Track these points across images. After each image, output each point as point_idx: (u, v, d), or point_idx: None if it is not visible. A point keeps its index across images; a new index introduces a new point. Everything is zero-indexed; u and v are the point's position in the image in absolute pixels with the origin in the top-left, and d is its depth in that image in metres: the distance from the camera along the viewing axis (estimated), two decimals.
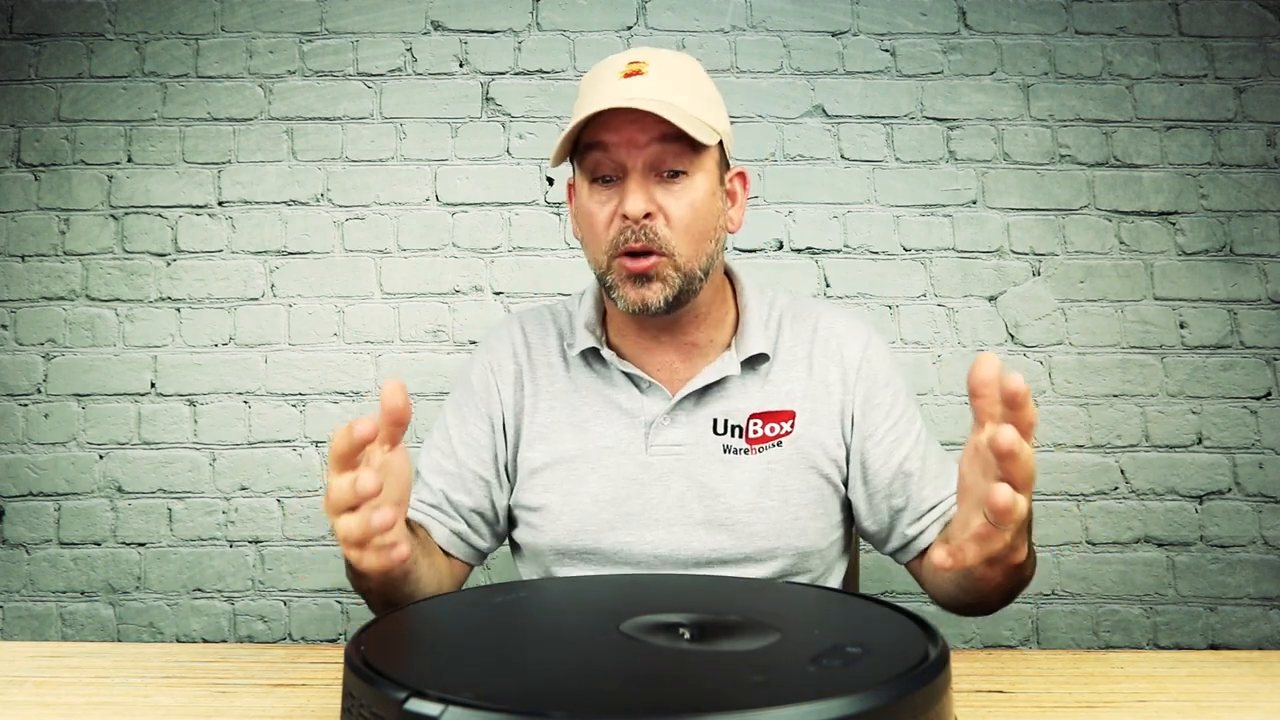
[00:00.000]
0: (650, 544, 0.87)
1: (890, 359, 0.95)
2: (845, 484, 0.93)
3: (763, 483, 0.87)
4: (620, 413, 0.90)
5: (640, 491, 0.88)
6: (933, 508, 0.90)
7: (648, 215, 0.81)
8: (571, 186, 0.94)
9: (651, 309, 0.84)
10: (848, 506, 0.94)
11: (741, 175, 0.94)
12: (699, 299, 0.89)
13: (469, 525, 0.94)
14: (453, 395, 0.98)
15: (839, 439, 0.91)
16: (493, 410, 0.94)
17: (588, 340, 0.91)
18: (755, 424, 0.89)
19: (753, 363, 0.91)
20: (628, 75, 0.83)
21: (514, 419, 0.94)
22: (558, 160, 0.86)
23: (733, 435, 0.89)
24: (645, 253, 0.82)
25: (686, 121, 0.80)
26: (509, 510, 0.96)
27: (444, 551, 0.93)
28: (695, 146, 0.83)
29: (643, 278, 0.83)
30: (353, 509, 0.58)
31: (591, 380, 0.92)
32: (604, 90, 0.82)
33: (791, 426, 0.89)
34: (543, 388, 0.93)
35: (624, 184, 0.83)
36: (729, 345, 0.92)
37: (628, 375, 0.91)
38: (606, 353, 0.90)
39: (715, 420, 0.89)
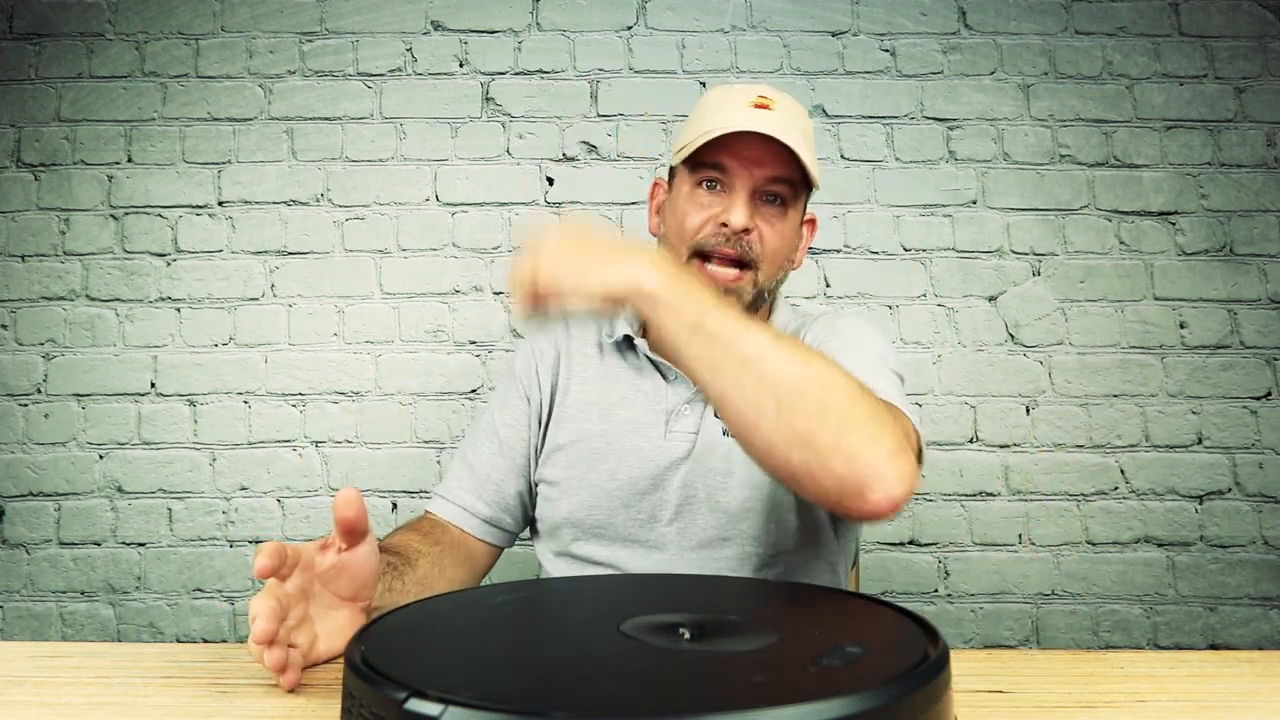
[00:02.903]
0: (659, 523, 0.92)
1: (853, 330, 0.96)
2: None
3: (753, 466, 0.92)
4: (645, 398, 0.96)
5: (652, 473, 0.93)
6: None
7: (746, 230, 0.89)
8: (658, 185, 1.02)
9: None
10: None
11: (812, 222, 1.02)
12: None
13: (504, 508, 0.99)
14: (497, 385, 1.06)
15: None
16: (531, 392, 1.01)
17: (624, 329, 0.98)
18: None
19: None
20: (757, 106, 0.89)
21: (549, 398, 1.00)
22: (678, 160, 0.94)
23: None
24: (737, 263, 0.90)
25: (808, 157, 0.88)
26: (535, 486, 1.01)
27: (475, 538, 0.97)
28: (796, 188, 0.92)
29: (719, 289, 0.87)
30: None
31: (622, 368, 0.99)
32: (734, 114, 0.89)
33: None
34: (576, 371, 1.00)
35: (730, 196, 0.90)
36: None
37: (655, 365, 0.97)
38: (639, 341, 0.97)
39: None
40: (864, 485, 0.62)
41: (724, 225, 0.90)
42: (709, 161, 0.91)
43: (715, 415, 0.93)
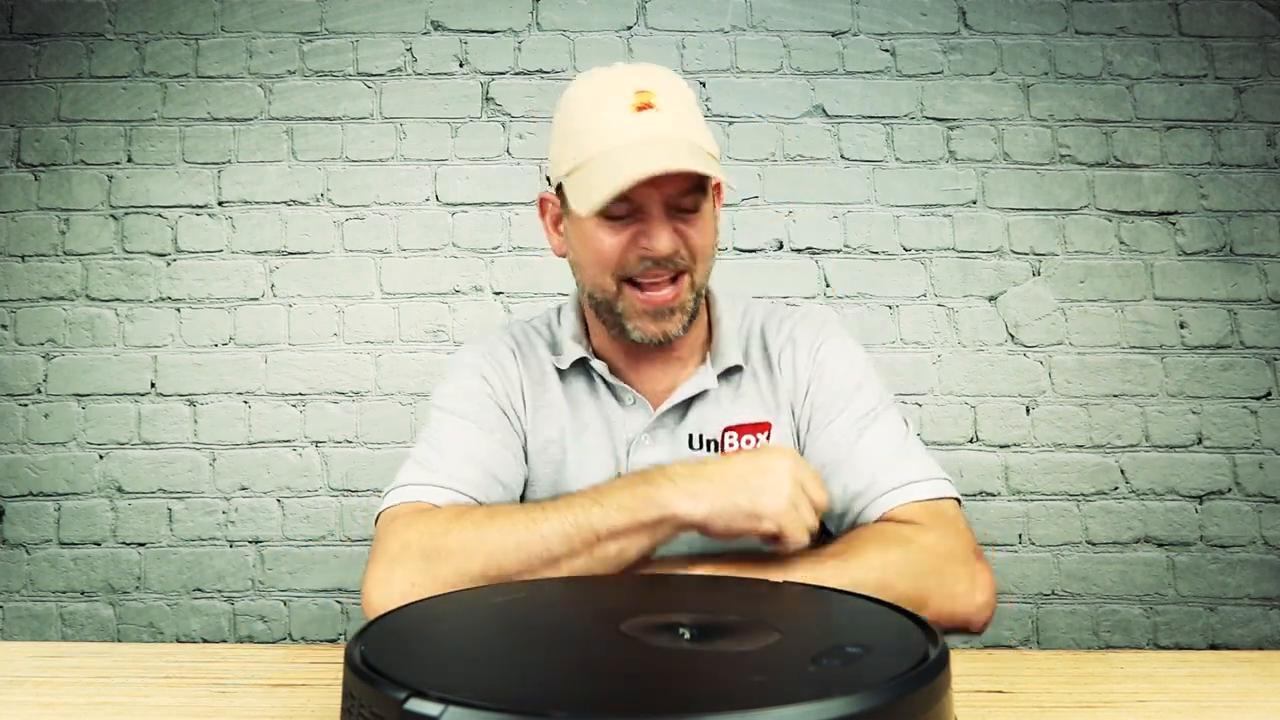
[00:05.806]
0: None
1: (843, 357, 0.90)
2: None
3: None
4: (606, 427, 0.90)
5: None
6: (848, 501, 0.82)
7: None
8: (546, 201, 0.92)
9: (672, 339, 0.85)
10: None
11: (718, 187, 0.91)
12: None
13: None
14: (455, 403, 0.89)
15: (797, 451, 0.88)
16: (507, 408, 0.90)
17: (577, 351, 0.90)
18: (730, 437, 0.88)
19: (727, 375, 0.90)
20: (640, 109, 0.79)
21: (521, 426, 0.91)
22: (580, 204, 0.81)
23: (709, 449, 0.88)
24: (670, 280, 0.83)
25: (713, 167, 0.78)
26: None
27: None
28: (706, 181, 0.82)
29: (663, 311, 0.83)
30: None
31: (580, 394, 0.91)
32: (618, 127, 0.79)
33: (767, 439, 0.88)
34: (540, 399, 0.91)
35: (644, 221, 0.81)
36: (704, 359, 0.91)
37: (611, 388, 0.90)
38: (596, 364, 0.90)
39: (691, 435, 0.88)
40: (970, 626, 0.78)
41: (646, 249, 0.80)
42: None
43: (690, 446, 0.87)
